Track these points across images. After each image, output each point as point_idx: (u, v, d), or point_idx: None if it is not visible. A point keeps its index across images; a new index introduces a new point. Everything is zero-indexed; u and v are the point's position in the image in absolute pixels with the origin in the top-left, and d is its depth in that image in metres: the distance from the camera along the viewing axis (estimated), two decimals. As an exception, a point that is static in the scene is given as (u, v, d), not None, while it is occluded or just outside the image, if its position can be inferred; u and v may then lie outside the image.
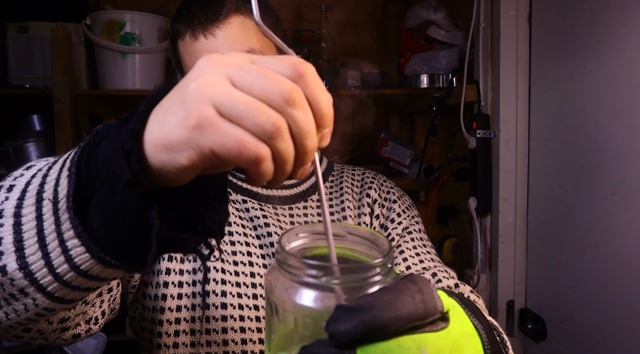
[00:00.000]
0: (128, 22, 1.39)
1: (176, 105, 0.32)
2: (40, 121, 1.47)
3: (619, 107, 0.91)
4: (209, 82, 0.31)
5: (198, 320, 0.70)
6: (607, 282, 0.94)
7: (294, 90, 0.31)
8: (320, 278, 0.35)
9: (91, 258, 0.36)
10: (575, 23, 1.03)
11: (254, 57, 0.34)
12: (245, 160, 0.31)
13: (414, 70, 1.51)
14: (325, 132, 0.34)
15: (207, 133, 0.31)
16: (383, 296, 0.33)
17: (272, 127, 0.31)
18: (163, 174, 0.33)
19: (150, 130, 0.33)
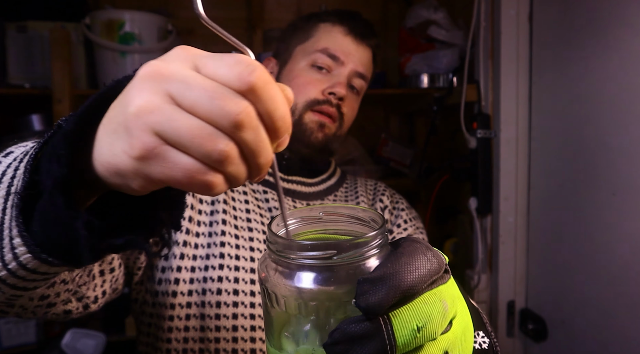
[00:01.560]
0: (127, 21, 1.39)
1: (120, 127, 0.30)
2: (39, 121, 1.46)
3: (619, 107, 0.90)
4: (149, 105, 0.29)
5: (208, 304, 0.72)
6: (608, 282, 0.94)
7: (241, 110, 0.29)
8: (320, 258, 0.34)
9: (33, 259, 0.36)
10: (575, 23, 1.02)
11: (199, 59, 0.31)
12: (196, 188, 0.30)
13: (414, 70, 1.51)
14: (281, 140, 0.32)
15: (154, 164, 0.29)
16: (400, 260, 0.34)
17: (219, 155, 0.29)
18: (121, 190, 0.33)
19: (100, 149, 0.32)
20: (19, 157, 0.40)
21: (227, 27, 0.33)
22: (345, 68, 0.86)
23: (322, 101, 0.83)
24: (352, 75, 0.87)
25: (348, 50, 0.86)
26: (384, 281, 0.32)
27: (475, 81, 1.29)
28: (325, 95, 0.84)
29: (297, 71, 0.86)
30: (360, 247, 0.35)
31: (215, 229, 0.77)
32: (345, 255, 0.34)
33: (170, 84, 0.29)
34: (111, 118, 0.32)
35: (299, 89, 0.84)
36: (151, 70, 0.30)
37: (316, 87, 0.84)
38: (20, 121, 1.46)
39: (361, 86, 0.90)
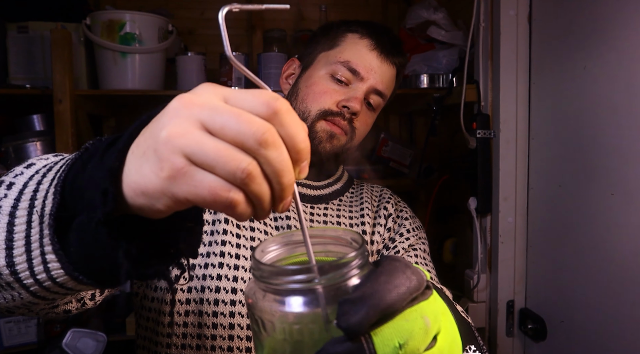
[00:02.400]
0: (128, 22, 1.39)
1: (150, 150, 0.32)
2: (40, 121, 1.46)
3: (619, 107, 0.91)
4: (180, 130, 0.31)
5: (206, 302, 0.73)
6: (607, 282, 0.94)
7: (266, 130, 0.31)
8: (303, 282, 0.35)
9: (65, 275, 0.38)
10: (575, 23, 1.03)
11: (227, 93, 0.34)
12: (220, 206, 0.32)
13: (414, 70, 1.51)
14: (302, 165, 0.34)
15: (181, 183, 0.31)
16: (379, 279, 0.35)
17: (242, 173, 0.31)
18: (142, 213, 0.34)
19: (128, 172, 0.34)
20: (41, 171, 0.42)
21: (227, 27, 0.35)
22: (364, 84, 0.85)
23: (335, 112, 0.83)
24: (370, 92, 0.86)
25: (370, 66, 0.85)
26: (363, 301, 0.33)
27: (474, 81, 1.29)
28: (339, 107, 0.83)
29: (315, 78, 0.86)
30: (341, 269, 0.36)
31: (217, 228, 0.77)
32: (327, 277, 0.35)
33: (201, 112, 0.32)
34: (140, 143, 0.34)
35: (314, 97, 0.84)
36: (183, 101, 0.33)
37: (332, 97, 0.83)
38: (20, 121, 1.47)
39: (378, 103, 0.89)
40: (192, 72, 1.49)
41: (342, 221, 0.88)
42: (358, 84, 0.85)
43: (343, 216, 0.89)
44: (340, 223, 0.87)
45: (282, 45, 1.65)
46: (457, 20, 1.50)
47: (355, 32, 0.88)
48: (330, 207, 0.89)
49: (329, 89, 0.84)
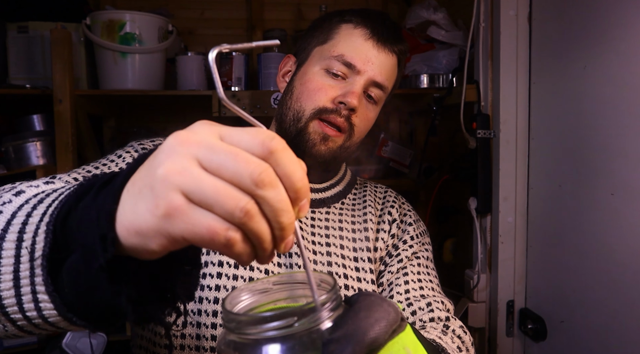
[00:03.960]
0: (128, 22, 1.39)
1: (146, 188, 0.32)
2: (40, 121, 1.47)
3: (619, 107, 0.91)
4: (177, 167, 0.31)
5: (205, 313, 0.71)
6: (607, 282, 0.94)
7: (263, 170, 0.31)
8: (280, 328, 0.34)
9: (58, 315, 0.37)
10: (575, 23, 1.03)
11: (223, 131, 0.33)
12: (218, 245, 0.31)
13: (414, 70, 1.51)
14: (302, 204, 0.34)
15: (177, 221, 0.30)
16: (358, 315, 0.35)
17: (240, 212, 0.30)
18: (135, 253, 0.33)
19: (123, 211, 0.33)
20: (31, 202, 0.40)
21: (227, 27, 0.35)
22: (361, 77, 0.79)
23: (331, 110, 0.78)
24: (369, 85, 0.80)
25: (367, 58, 0.79)
26: (347, 339, 0.33)
27: (474, 81, 1.29)
28: (335, 104, 0.78)
29: (310, 75, 0.81)
30: (317, 311, 0.35)
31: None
32: (304, 320, 0.35)
33: (198, 150, 0.31)
34: (136, 181, 0.33)
35: (309, 95, 0.79)
36: (180, 139, 0.32)
37: (327, 94, 0.78)
38: (20, 121, 1.47)
39: (379, 96, 0.83)
40: (192, 72, 1.49)
41: (345, 227, 0.84)
42: (355, 78, 0.79)
43: (345, 221, 0.85)
44: (342, 228, 0.84)
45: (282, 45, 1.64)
46: (457, 20, 1.50)
47: (349, 22, 0.82)
48: (332, 211, 0.86)
49: (324, 85, 0.79)
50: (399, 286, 0.79)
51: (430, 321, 0.74)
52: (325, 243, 0.81)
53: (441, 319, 0.75)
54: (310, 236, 0.81)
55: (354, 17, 0.82)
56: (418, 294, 0.78)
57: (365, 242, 0.84)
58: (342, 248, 0.82)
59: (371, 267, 0.82)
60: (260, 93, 1.45)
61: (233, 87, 1.50)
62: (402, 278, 0.80)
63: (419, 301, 0.77)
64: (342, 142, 0.80)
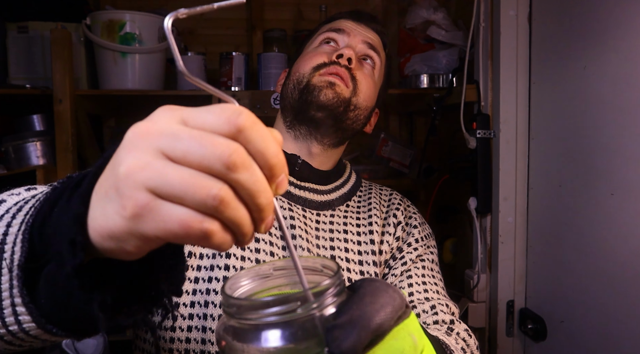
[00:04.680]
0: (128, 22, 1.39)
1: (111, 190, 0.30)
2: (40, 121, 1.47)
3: (619, 107, 0.91)
4: (139, 162, 0.28)
5: (210, 317, 0.70)
6: (607, 282, 0.94)
7: (233, 151, 0.28)
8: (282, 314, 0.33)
9: (37, 328, 0.35)
10: (575, 23, 1.03)
11: (185, 114, 0.31)
12: (194, 239, 0.29)
13: (414, 70, 1.51)
14: (279, 180, 0.31)
15: (148, 220, 0.28)
16: (364, 300, 0.34)
17: (214, 200, 0.28)
18: (113, 256, 0.32)
19: (93, 215, 0.31)
20: (12, 210, 0.39)
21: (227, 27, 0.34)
22: (352, 38, 0.86)
23: (328, 62, 0.82)
24: (361, 46, 0.87)
25: (353, 27, 0.88)
26: (353, 324, 0.32)
27: (474, 81, 1.29)
28: (333, 59, 0.82)
29: (304, 54, 0.87)
30: (320, 296, 0.34)
31: None
32: (307, 306, 0.33)
33: (159, 140, 0.29)
34: (102, 183, 0.31)
35: (306, 62, 0.84)
36: (138, 131, 0.30)
37: (323, 56, 0.83)
38: (20, 121, 1.47)
39: (372, 58, 0.88)
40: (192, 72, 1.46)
41: (349, 229, 0.84)
42: (346, 39, 0.87)
43: (350, 224, 0.85)
44: (347, 231, 0.83)
45: (282, 45, 1.65)
46: (457, 20, 1.50)
47: (331, 19, 0.92)
48: (337, 214, 0.85)
49: (319, 51, 0.85)
50: (403, 289, 0.79)
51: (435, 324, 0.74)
52: (329, 246, 0.80)
53: (445, 322, 0.74)
54: (315, 240, 0.80)
55: (334, 16, 0.93)
56: (422, 297, 0.77)
57: (370, 245, 0.83)
58: (346, 251, 0.81)
59: (376, 270, 0.81)
60: (260, 93, 1.45)
61: (233, 87, 1.50)
62: (406, 280, 0.80)
63: (423, 304, 0.76)
64: (348, 96, 0.81)
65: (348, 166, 0.95)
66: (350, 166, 0.96)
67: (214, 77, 1.60)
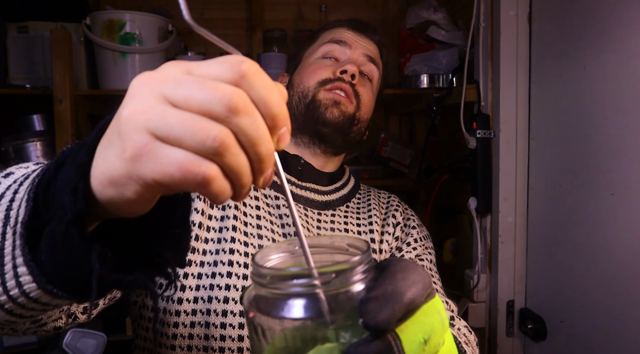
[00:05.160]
0: (128, 22, 1.39)
1: (114, 135, 0.30)
2: (40, 121, 1.47)
3: (619, 107, 0.91)
4: (141, 106, 0.29)
5: (214, 313, 0.70)
6: (607, 282, 0.94)
7: (235, 95, 0.28)
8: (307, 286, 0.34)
9: (38, 288, 0.35)
10: (575, 23, 1.03)
11: (190, 64, 0.31)
12: (192, 183, 0.28)
13: (414, 70, 1.51)
14: (281, 132, 0.31)
15: (146, 162, 0.28)
16: (396, 276, 0.35)
17: (214, 142, 0.28)
18: (116, 207, 0.31)
19: (95, 164, 0.31)
20: (19, 180, 0.39)
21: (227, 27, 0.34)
22: (353, 51, 0.88)
23: (334, 79, 0.84)
24: (362, 59, 0.89)
25: (353, 39, 0.90)
26: (387, 298, 0.33)
27: (474, 81, 1.29)
28: (337, 75, 0.84)
29: (307, 65, 0.89)
30: (348, 273, 0.35)
31: (224, 236, 0.74)
32: (336, 280, 0.34)
33: (162, 86, 0.29)
34: (106, 133, 0.31)
35: (310, 75, 0.86)
36: (142, 79, 0.30)
37: (327, 70, 0.85)
38: (21, 121, 1.47)
39: (372, 72, 0.90)
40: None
41: (350, 229, 0.85)
42: (348, 52, 0.88)
43: (351, 223, 0.86)
44: (347, 230, 0.85)
45: (282, 45, 1.65)
46: (457, 20, 1.50)
47: (331, 27, 0.94)
48: (338, 214, 0.86)
49: (322, 65, 0.87)
50: None
51: None
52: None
53: None
54: (315, 215, 0.84)
55: (333, 23, 0.94)
56: None
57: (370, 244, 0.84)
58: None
59: None
60: (260, 93, 1.45)
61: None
62: None
63: None
64: (353, 111, 0.85)
65: (347, 169, 0.98)
66: (349, 169, 0.99)
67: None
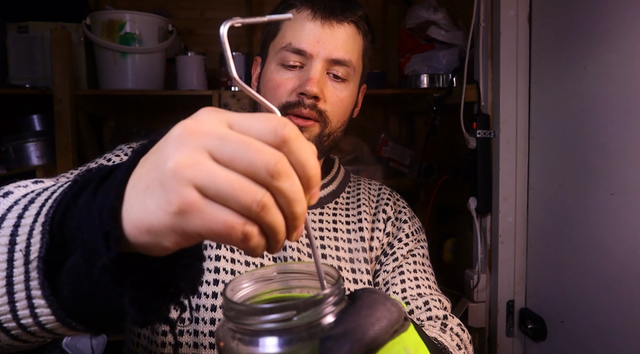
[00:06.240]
0: (128, 22, 1.39)
1: (155, 184, 0.30)
2: (40, 121, 1.47)
3: (619, 107, 0.91)
4: (189, 160, 0.29)
5: (202, 321, 0.69)
6: (607, 282, 0.94)
7: (278, 161, 0.30)
8: (278, 322, 0.33)
9: (56, 321, 0.35)
10: (575, 23, 1.03)
11: (231, 118, 0.31)
12: (235, 240, 0.30)
13: (414, 70, 1.51)
14: (313, 191, 0.32)
15: (193, 218, 0.29)
16: (360, 312, 0.34)
17: (257, 206, 0.29)
18: (146, 251, 0.32)
19: (130, 208, 0.31)
20: (21, 202, 0.38)
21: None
22: (315, 60, 0.75)
23: (294, 103, 0.75)
24: (328, 65, 0.76)
25: (316, 38, 0.75)
26: (346, 337, 0.32)
27: (474, 81, 1.29)
28: (297, 96, 0.75)
29: (269, 73, 0.78)
30: (319, 305, 0.34)
31: (209, 253, 0.73)
32: (305, 314, 0.34)
33: (208, 141, 0.30)
34: (142, 176, 0.31)
35: (271, 94, 0.77)
36: (187, 129, 0.30)
37: (286, 88, 0.76)
38: (20, 121, 1.47)
39: (346, 73, 0.78)
40: (192, 72, 1.49)
41: (339, 227, 0.83)
42: (310, 63, 0.75)
43: (340, 222, 0.84)
44: (337, 229, 0.83)
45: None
46: (457, 20, 1.50)
47: (292, 7, 0.78)
48: (326, 212, 0.84)
49: (281, 80, 0.76)
50: (395, 285, 0.79)
51: (428, 320, 0.74)
52: (319, 245, 0.80)
53: (439, 318, 0.75)
54: (305, 238, 0.80)
55: (297, 0, 0.78)
56: (415, 293, 0.78)
57: (360, 242, 0.83)
58: (337, 250, 0.81)
59: (367, 267, 0.81)
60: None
61: (233, 87, 1.50)
62: (399, 277, 0.80)
63: (416, 299, 0.77)
64: (319, 131, 0.77)
65: (336, 161, 0.93)
66: (338, 160, 0.94)
67: (214, 77, 1.60)
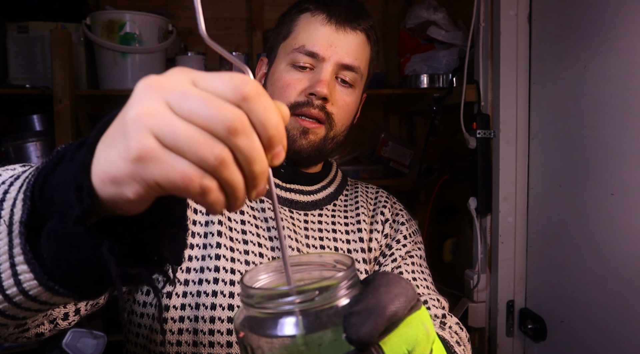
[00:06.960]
0: (128, 22, 1.39)
1: (118, 135, 0.31)
2: (40, 121, 1.47)
3: (619, 107, 0.91)
4: (149, 110, 0.30)
5: (202, 319, 0.69)
6: (607, 282, 0.94)
7: (236, 117, 0.30)
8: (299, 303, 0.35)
9: (39, 285, 0.35)
10: (575, 23, 1.03)
11: (197, 76, 0.32)
12: (192, 193, 0.30)
13: (414, 70, 1.51)
14: (276, 151, 0.33)
15: (151, 166, 0.29)
16: (379, 290, 0.36)
17: (215, 159, 0.30)
18: (115, 206, 0.32)
19: (97, 162, 0.32)
20: (7, 181, 0.39)
21: (227, 27, 0.34)
22: (327, 63, 0.77)
23: (303, 103, 0.77)
24: (338, 69, 0.78)
25: (329, 42, 0.77)
26: (369, 312, 0.34)
27: (474, 81, 1.29)
28: (306, 96, 0.77)
29: (278, 73, 0.80)
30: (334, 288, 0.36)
31: (210, 241, 0.73)
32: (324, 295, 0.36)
33: (169, 94, 0.31)
34: (109, 132, 0.32)
35: (280, 93, 0.78)
36: (150, 82, 0.31)
37: (296, 88, 0.78)
38: (20, 121, 1.47)
39: (354, 79, 0.81)
40: (192, 72, 1.49)
41: (338, 228, 0.84)
42: (321, 66, 0.77)
43: (338, 223, 0.85)
44: (335, 230, 0.83)
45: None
46: (457, 20, 1.50)
47: (307, 11, 0.80)
48: (325, 213, 0.85)
49: (291, 80, 0.78)
50: None
51: None
52: (319, 246, 0.81)
53: (437, 317, 0.76)
54: (304, 239, 0.80)
55: (311, 4, 0.81)
56: None
57: (359, 243, 0.83)
58: (336, 250, 0.82)
59: (366, 268, 0.82)
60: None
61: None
62: None
63: None
64: (324, 134, 0.79)
65: (334, 165, 0.95)
66: (336, 165, 0.96)
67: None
